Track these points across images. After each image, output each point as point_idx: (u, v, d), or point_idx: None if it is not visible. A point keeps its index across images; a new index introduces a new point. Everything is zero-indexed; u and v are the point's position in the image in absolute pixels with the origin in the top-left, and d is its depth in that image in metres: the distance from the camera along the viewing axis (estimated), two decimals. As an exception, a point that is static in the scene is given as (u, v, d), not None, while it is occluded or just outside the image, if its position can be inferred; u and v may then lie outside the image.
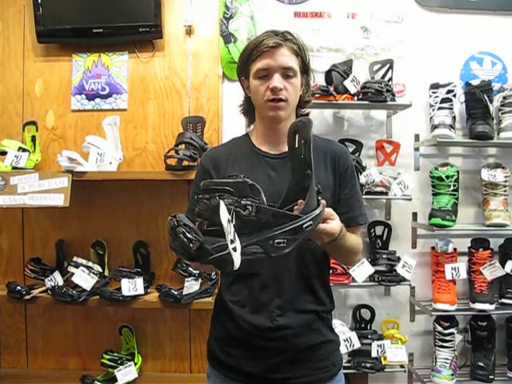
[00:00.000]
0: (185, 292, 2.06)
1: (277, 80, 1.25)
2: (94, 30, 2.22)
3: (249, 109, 1.41)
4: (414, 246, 2.30)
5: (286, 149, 1.18)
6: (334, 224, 1.10)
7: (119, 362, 2.12)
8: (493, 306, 2.10)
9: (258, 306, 1.28)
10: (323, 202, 1.03)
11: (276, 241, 0.88)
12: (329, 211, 1.09)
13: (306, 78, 1.36)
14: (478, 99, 2.14)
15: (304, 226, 0.92)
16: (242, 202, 0.86)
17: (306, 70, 1.34)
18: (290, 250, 0.89)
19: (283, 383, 1.27)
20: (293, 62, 1.28)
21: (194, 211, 0.97)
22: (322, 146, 1.37)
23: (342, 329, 2.09)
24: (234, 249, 0.81)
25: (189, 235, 0.82)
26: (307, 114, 1.43)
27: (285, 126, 1.27)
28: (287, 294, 1.27)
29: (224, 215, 0.81)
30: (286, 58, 1.27)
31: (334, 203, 1.31)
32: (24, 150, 2.12)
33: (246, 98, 1.41)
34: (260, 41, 1.28)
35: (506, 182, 2.16)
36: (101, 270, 2.16)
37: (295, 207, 1.03)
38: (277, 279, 1.27)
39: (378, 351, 2.09)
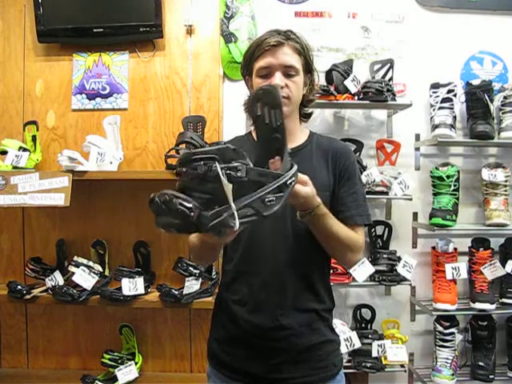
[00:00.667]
0: (185, 292, 2.06)
1: (278, 78, 1.26)
2: (95, 30, 2.22)
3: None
4: (414, 245, 2.30)
5: (288, 146, 1.18)
6: (305, 188, 1.08)
7: (120, 361, 2.13)
8: (493, 306, 2.10)
9: (258, 304, 1.27)
10: (295, 164, 1.03)
11: (266, 199, 0.88)
12: (301, 176, 1.07)
13: (310, 77, 1.36)
14: (478, 99, 2.14)
15: (287, 182, 0.94)
16: (233, 164, 0.86)
17: (309, 69, 1.34)
18: (278, 206, 0.91)
19: (283, 383, 1.27)
20: (295, 61, 1.28)
21: None
22: (325, 144, 1.37)
23: (342, 328, 2.09)
24: (232, 213, 0.82)
25: (187, 204, 0.81)
26: (310, 114, 1.43)
27: (287, 123, 1.27)
28: (287, 292, 1.27)
29: (223, 178, 0.82)
30: (287, 56, 1.27)
31: (333, 201, 1.31)
32: (24, 150, 2.12)
33: (250, 95, 1.42)
34: (262, 40, 1.28)
35: (506, 181, 2.16)
36: (101, 270, 2.16)
37: (270, 165, 1.04)
38: (277, 277, 1.27)
39: (378, 351, 2.09)
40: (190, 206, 0.81)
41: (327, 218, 1.18)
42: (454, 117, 2.18)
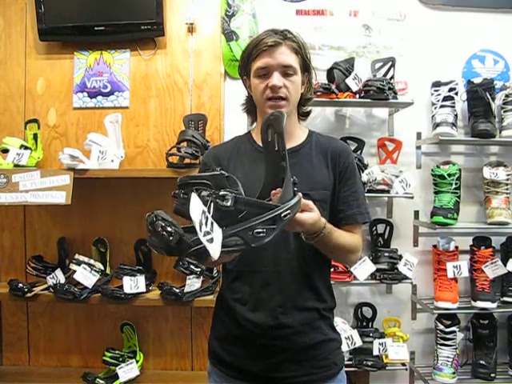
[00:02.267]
0: (186, 290, 2.06)
1: (276, 78, 1.26)
2: (96, 28, 2.22)
3: (251, 107, 1.42)
4: (415, 244, 2.30)
5: (287, 146, 1.18)
6: (310, 215, 1.08)
7: (121, 359, 2.13)
8: (494, 305, 2.10)
9: (258, 303, 1.27)
10: (299, 194, 1.02)
11: (255, 231, 0.87)
12: (305, 202, 1.07)
13: (308, 76, 1.36)
14: (480, 97, 2.13)
15: (282, 215, 0.92)
16: (220, 192, 0.86)
17: (306, 68, 1.34)
18: (269, 239, 0.90)
19: (284, 382, 1.27)
20: (292, 60, 1.28)
21: None
22: (324, 143, 1.37)
23: (343, 327, 2.09)
24: (210, 240, 0.81)
25: (168, 228, 0.82)
26: (309, 112, 1.43)
27: (286, 123, 1.28)
28: (288, 291, 1.27)
29: (196, 206, 0.81)
30: (285, 56, 1.27)
31: (334, 201, 1.31)
32: (26, 148, 2.12)
33: (248, 96, 1.42)
34: (260, 40, 1.28)
35: (507, 180, 2.16)
36: (102, 268, 2.16)
37: (272, 197, 1.03)
38: (278, 276, 1.27)
39: (379, 349, 2.09)
40: (170, 230, 0.82)
41: (332, 234, 1.19)
42: (456, 115, 2.18)
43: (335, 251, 1.26)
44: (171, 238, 0.82)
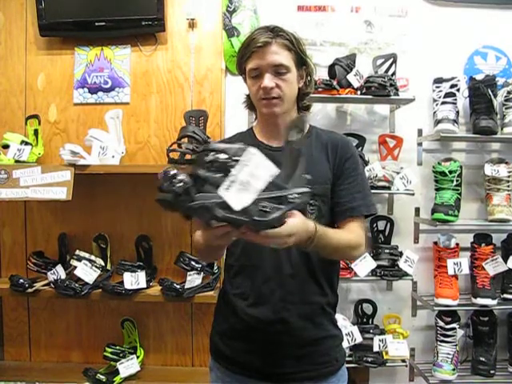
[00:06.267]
0: (187, 286, 2.07)
1: (267, 79, 1.25)
2: (97, 24, 2.21)
3: (251, 104, 1.42)
4: (416, 240, 2.30)
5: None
6: (296, 219, 1.00)
7: (121, 355, 2.13)
8: (495, 301, 2.10)
9: (260, 298, 1.28)
10: (309, 188, 1.01)
11: (261, 204, 0.88)
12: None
13: (306, 70, 1.35)
14: (481, 94, 2.12)
15: (290, 197, 0.93)
16: (234, 158, 0.87)
17: (302, 62, 1.32)
18: (272, 218, 0.89)
19: (286, 378, 1.27)
20: (284, 58, 1.26)
21: None
22: (324, 137, 1.36)
23: (343, 323, 2.09)
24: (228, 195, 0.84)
25: (179, 177, 0.85)
26: (309, 106, 1.42)
27: (284, 119, 1.30)
28: (289, 286, 1.27)
29: (248, 160, 0.84)
30: (275, 55, 1.26)
31: (336, 193, 1.30)
32: (26, 144, 2.12)
33: (247, 94, 1.42)
34: (251, 39, 1.27)
35: (509, 177, 2.15)
36: (103, 264, 2.17)
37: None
38: (279, 271, 1.27)
39: (379, 346, 2.10)
40: (180, 178, 0.84)
41: (326, 234, 1.14)
42: (457, 112, 2.17)
43: (336, 252, 1.23)
44: (179, 185, 0.84)
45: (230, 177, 0.84)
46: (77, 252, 2.12)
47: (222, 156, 0.87)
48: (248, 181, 0.85)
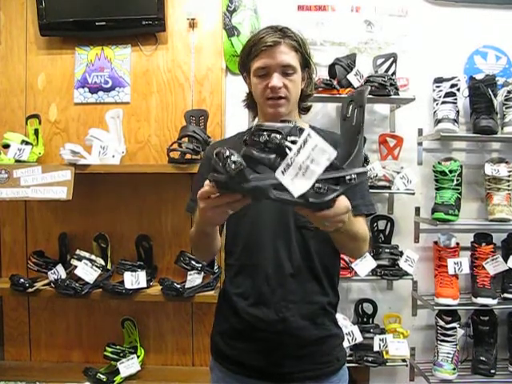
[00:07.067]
0: (187, 285, 2.07)
1: (276, 79, 1.26)
2: (97, 23, 2.21)
3: (251, 103, 1.42)
4: (416, 240, 2.30)
5: None
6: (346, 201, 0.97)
7: (122, 354, 2.14)
8: (495, 301, 2.09)
9: (260, 297, 1.27)
10: (367, 167, 0.99)
11: (316, 185, 0.84)
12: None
13: (308, 72, 1.36)
14: (482, 93, 2.12)
15: (347, 177, 0.89)
16: (290, 138, 0.85)
17: (306, 64, 1.33)
18: (328, 199, 0.87)
19: (287, 377, 1.27)
20: (292, 59, 1.27)
21: (195, 201, 0.97)
22: (323, 137, 1.36)
23: (344, 323, 2.09)
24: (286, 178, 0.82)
25: (233, 157, 0.83)
26: (309, 108, 1.43)
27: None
28: (290, 285, 1.27)
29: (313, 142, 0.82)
30: (284, 55, 1.26)
31: None
32: (27, 143, 2.12)
33: (248, 93, 1.42)
34: (259, 38, 1.27)
35: (509, 176, 2.15)
36: (103, 263, 2.17)
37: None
38: (279, 270, 1.27)
39: (379, 345, 2.10)
40: (234, 159, 0.83)
41: (351, 218, 1.07)
42: (457, 111, 2.17)
43: (353, 240, 1.19)
44: (233, 167, 0.82)
45: (286, 159, 0.81)
46: (77, 251, 2.13)
47: (278, 136, 0.85)
48: (307, 165, 0.81)
